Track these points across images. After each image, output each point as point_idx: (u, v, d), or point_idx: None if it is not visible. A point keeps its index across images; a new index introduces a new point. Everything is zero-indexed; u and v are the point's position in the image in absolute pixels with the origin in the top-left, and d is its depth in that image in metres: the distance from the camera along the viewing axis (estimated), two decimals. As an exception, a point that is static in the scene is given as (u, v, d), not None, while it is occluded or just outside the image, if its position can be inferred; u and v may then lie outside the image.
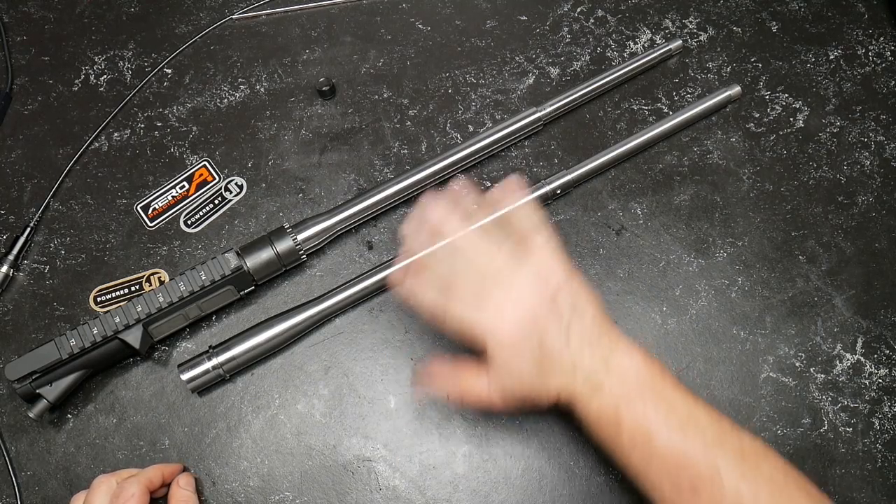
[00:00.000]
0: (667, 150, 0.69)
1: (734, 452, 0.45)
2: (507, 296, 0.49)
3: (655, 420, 0.46)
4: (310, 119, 0.72)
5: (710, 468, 0.44)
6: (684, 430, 0.46)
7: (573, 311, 0.49)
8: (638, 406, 0.47)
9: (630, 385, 0.47)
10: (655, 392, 0.47)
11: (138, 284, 0.65)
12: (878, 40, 0.74)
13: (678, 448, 0.45)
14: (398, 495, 0.57)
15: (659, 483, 0.46)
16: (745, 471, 0.44)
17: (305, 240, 0.62)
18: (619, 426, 0.47)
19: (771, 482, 0.44)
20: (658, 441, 0.46)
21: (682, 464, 0.45)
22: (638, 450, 0.46)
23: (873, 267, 0.64)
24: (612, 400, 0.47)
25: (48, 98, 0.74)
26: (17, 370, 0.57)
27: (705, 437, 0.46)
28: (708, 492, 0.44)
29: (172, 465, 0.56)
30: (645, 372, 0.48)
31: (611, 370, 0.48)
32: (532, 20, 0.76)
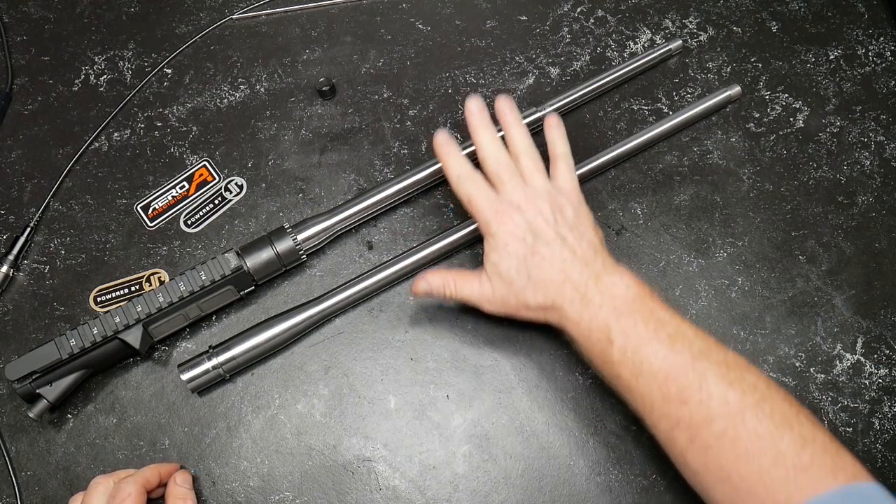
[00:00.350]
0: (667, 150, 0.69)
1: (720, 363, 0.46)
2: (517, 204, 0.53)
3: (645, 334, 0.48)
4: (310, 119, 0.72)
5: (698, 378, 0.46)
6: (672, 344, 0.47)
7: (572, 229, 0.53)
8: (628, 321, 0.48)
9: (619, 301, 0.49)
10: (644, 309, 0.49)
11: (138, 284, 0.65)
12: (878, 40, 0.74)
13: (667, 360, 0.47)
14: (398, 495, 0.57)
15: (648, 395, 0.47)
16: (732, 380, 0.45)
17: (305, 240, 0.62)
18: (609, 340, 0.49)
19: (755, 390, 0.45)
20: (647, 353, 0.47)
21: (670, 375, 0.46)
22: (628, 363, 0.48)
23: (873, 267, 0.64)
24: (602, 314, 0.49)
25: (48, 98, 0.74)
26: (17, 370, 0.57)
27: (692, 350, 0.47)
28: (696, 400, 0.45)
29: (169, 464, 0.56)
30: (634, 291, 0.50)
31: (601, 287, 0.50)
32: (532, 20, 0.76)
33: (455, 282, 0.57)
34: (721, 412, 0.44)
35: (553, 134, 0.60)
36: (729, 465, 0.44)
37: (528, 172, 0.56)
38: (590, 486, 0.57)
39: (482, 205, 0.55)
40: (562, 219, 0.54)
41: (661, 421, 0.47)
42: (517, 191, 0.55)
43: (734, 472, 0.44)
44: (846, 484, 0.42)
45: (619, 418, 0.59)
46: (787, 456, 0.43)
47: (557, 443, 0.58)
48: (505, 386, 0.60)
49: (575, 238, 0.53)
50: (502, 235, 0.53)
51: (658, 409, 0.47)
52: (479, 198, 0.55)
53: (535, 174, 0.56)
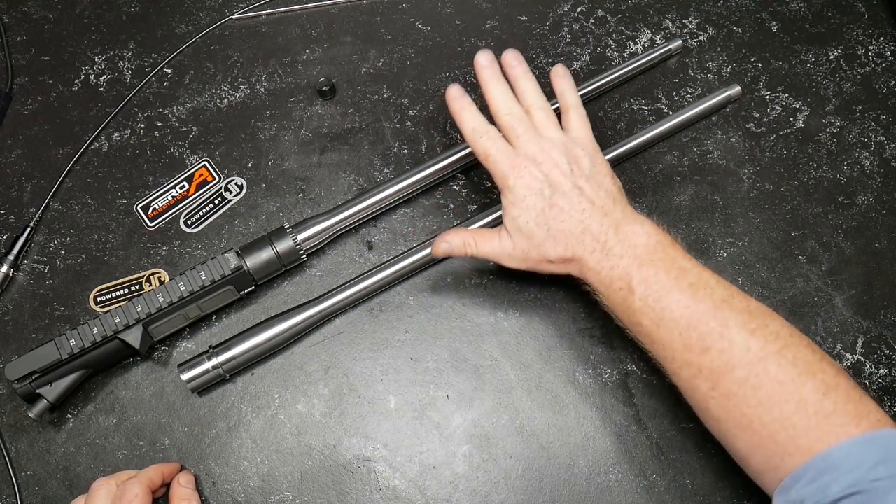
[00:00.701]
0: (667, 150, 0.69)
1: (742, 311, 0.46)
2: (533, 156, 0.53)
3: (666, 282, 0.47)
4: (310, 119, 0.72)
5: (720, 325, 0.45)
6: (694, 292, 0.47)
7: (589, 179, 0.52)
8: (649, 269, 0.48)
9: (640, 250, 0.49)
10: (666, 257, 0.49)
11: (138, 284, 0.65)
12: (878, 40, 0.74)
13: (689, 308, 0.46)
14: (398, 495, 0.57)
15: (670, 343, 0.47)
16: (754, 328, 0.45)
17: (305, 240, 0.62)
18: (630, 289, 0.48)
19: (778, 338, 0.45)
20: (669, 302, 0.47)
21: (692, 323, 0.46)
22: (649, 311, 0.47)
23: (873, 267, 0.64)
24: (623, 263, 0.49)
25: (48, 98, 0.74)
26: (17, 370, 0.57)
27: (714, 298, 0.47)
28: (718, 348, 0.45)
29: (171, 464, 0.56)
30: (656, 239, 0.50)
31: (621, 236, 0.50)
32: (532, 20, 0.76)
33: (476, 240, 0.56)
34: (743, 360, 0.44)
35: (562, 84, 0.59)
36: (751, 412, 0.44)
37: (541, 124, 0.56)
38: (590, 486, 0.57)
39: (498, 159, 0.54)
40: (578, 169, 0.53)
41: (683, 369, 0.47)
42: (532, 143, 0.54)
43: (756, 419, 0.43)
44: (869, 431, 0.41)
45: (619, 418, 0.59)
46: (810, 403, 0.42)
47: (557, 443, 0.58)
48: (505, 386, 0.60)
49: (592, 188, 0.52)
50: (520, 189, 0.52)
51: (679, 358, 0.46)
52: (495, 152, 0.54)
53: (548, 126, 0.56)
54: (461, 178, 0.68)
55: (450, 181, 0.68)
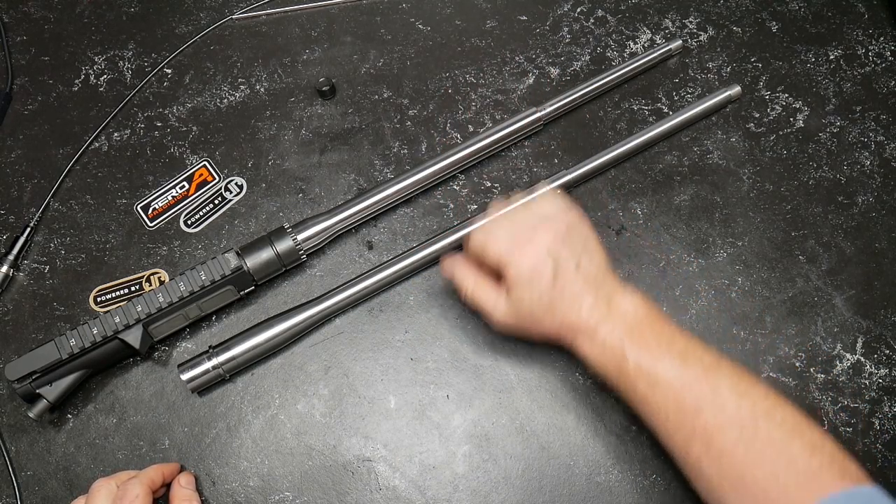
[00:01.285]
0: (667, 150, 0.69)
1: (730, 375, 0.49)
2: (531, 237, 0.53)
3: (658, 349, 0.50)
4: (310, 119, 0.72)
5: (711, 388, 0.48)
6: (685, 358, 0.49)
7: (583, 251, 0.54)
8: (640, 339, 0.50)
9: (631, 321, 0.51)
10: (655, 327, 0.51)
11: (138, 284, 0.65)
12: (878, 40, 0.74)
13: (681, 373, 0.49)
14: (398, 495, 0.57)
15: (664, 406, 0.49)
16: (743, 390, 0.48)
17: (305, 240, 0.62)
18: (624, 357, 0.50)
19: (766, 399, 0.48)
20: (661, 367, 0.49)
21: (684, 386, 0.48)
22: (643, 377, 0.49)
23: (873, 267, 0.64)
24: (616, 334, 0.51)
25: (48, 98, 0.74)
26: (17, 370, 0.57)
27: (703, 364, 0.49)
28: (710, 410, 0.47)
29: (171, 464, 0.56)
30: (644, 311, 0.52)
31: (613, 308, 0.52)
32: (532, 20, 0.76)
33: (474, 288, 0.56)
34: (735, 420, 0.46)
35: None
36: (744, 469, 0.46)
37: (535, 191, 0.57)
38: (590, 486, 0.57)
39: (498, 245, 0.54)
40: (573, 240, 0.54)
41: (678, 432, 0.48)
42: (527, 215, 0.55)
43: (748, 476, 0.45)
44: (852, 487, 0.44)
45: (619, 418, 0.59)
46: (799, 460, 0.45)
47: (557, 443, 0.58)
48: (505, 386, 0.60)
49: (587, 261, 0.53)
50: (526, 268, 0.53)
51: (674, 420, 0.48)
52: (494, 239, 0.54)
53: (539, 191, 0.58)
54: (461, 178, 0.69)
55: (450, 181, 0.68)
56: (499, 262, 0.54)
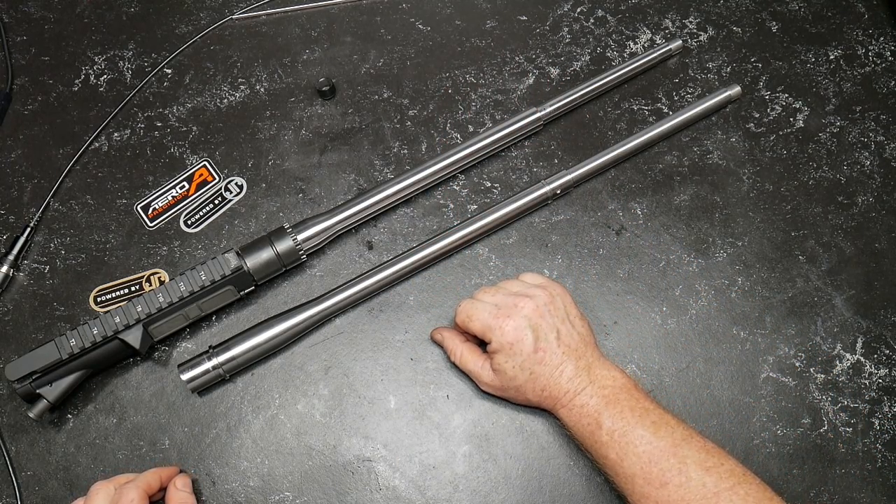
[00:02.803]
0: (667, 150, 0.69)
1: (700, 449, 0.50)
2: (513, 308, 0.55)
3: (631, 419, 0.51)
4: (310, 119, 0.72)
5: (679, 462, 0.49)
6: (656, 429, 0.51)
7: (564, 321, 0.56)
8: (615, 408, 0.52)
9: (608, 391, 0.53)
10: (631, 398, 0.53)
11: (138, 284, 0.65)
12: (878, 40, 0.74)
13: (651, 444, 0.50)
14: (398, 495, 0.57)
15: (632, 476, 0.50)
16: (710, 466, 0.49)
17: (305, 240, 0.62)
18: (598, 424, 0.52)
19: (732, 475, 0.49)
20: (633, 438, 0.51)
21: (653, 459, 0.50)
22: (615, 445, 0.51)
23: (873, 267, 0.64)
24: (592, 402, 0.53)
25: (48, 98, 0.74)
26: (17, 370, 0.57)
27: (674, 436, 0.51)
28: (675, 483, 0.49)
29: (169, 468, 0.56)
30: (622, 382, 0.54)
31: (592, 378, 0.54)
32: (532, 20, 0.76)
33: (463, 353, 0.59)
34: (698, 494, 0.48)
35: None
36: None
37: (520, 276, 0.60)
38: (590, 486, 0.57)
39: (482, 315, 0.56)
40: (554, 309, 0.56)
41: (642, 501, 0.50)
42: (513, 285, 0.58)
43: None
44: None
45: (619, 418, 0.59)
46: None
47: (557, 443, 0.58)
48: (505, 386, 0.60)
49: (567, 331, 0.55)
50: (508, 337, 0.55)
51: (639, 491, 0.50)
52: (478, 310, 0.57)
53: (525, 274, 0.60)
54: (461, 178, 0.69)
55: (450, 181, 0.68)
56: (483, 332, 0.56)
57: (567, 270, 0.64)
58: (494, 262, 0.65)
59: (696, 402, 0.60)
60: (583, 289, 0.64)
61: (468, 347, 0.59)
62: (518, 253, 0.65)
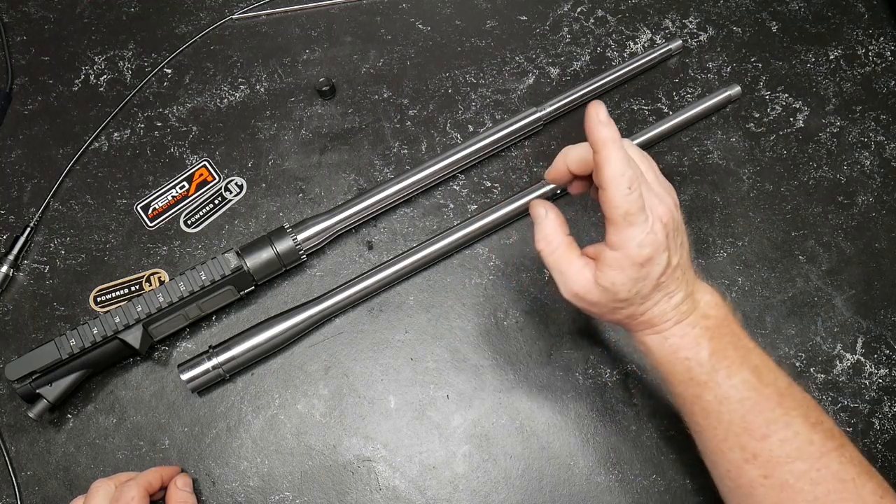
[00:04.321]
0: (667, 150, 0.69)
1: (802, 401, 0.45)
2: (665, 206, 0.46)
3: (736, 360, 0.45)
4: (310, 119, 0.72)
5: (784, 414, 0.44)
6: (760, 375, 0.45)
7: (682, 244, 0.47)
8: (718, 344, 0.46)
9: (711, 322, 0.47)
10: (733, 333, 0.47)
11: (138, 284, 0.65)
12: (878, 40, 0.74)
13: (756, 390, 0.44)
14: (398, 495, 0.57)
15: (729, 423, 0.45)
16: (815, 421, 0.44)
17: (305, 240, 0.62)
18: (699, 361, 0.45)
19: (835, 436, 0.44)
20: (737, 381, 0.45)
21: (755, 407, 0.44)
22: (715, 387, 0.45)
23: (873, 267, 0.64)
24: (695, 332, 0.46)
25: (48, 98, 0.74)
26: (17, 370, 0.57)
27: (778, 385, 0.45)
28: (780, 437, 0.43)
29: (170, 467, 0.56)
30: (723, 312, 0.47)
31: (694, 305, 0.47)
32: (532, 20, 0.76)
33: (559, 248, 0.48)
34: (805, 452, 0.43)
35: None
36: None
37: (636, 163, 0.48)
38: (590, 486, 0.57)
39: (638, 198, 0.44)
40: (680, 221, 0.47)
41: (734, 451, 0.45)
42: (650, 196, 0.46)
43: None
44: None
45: (619, 418, 0.59)
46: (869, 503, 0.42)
47: (557, 443, 0.58)
48: (505, 386, 0.60)
49: (683, 247, 0.47)
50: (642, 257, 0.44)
51: (734, 440, 0.44)
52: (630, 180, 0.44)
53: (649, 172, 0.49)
54: (461, 178, 0.69)
55: (450, 181, 0.68)
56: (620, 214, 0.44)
57: (567, 270, 0.64)
58: (494, 262, 0.65)
59: (696, 402, 0.60)
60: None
61: (569, 242, 0.48)
62: (518, 253, 0.65)
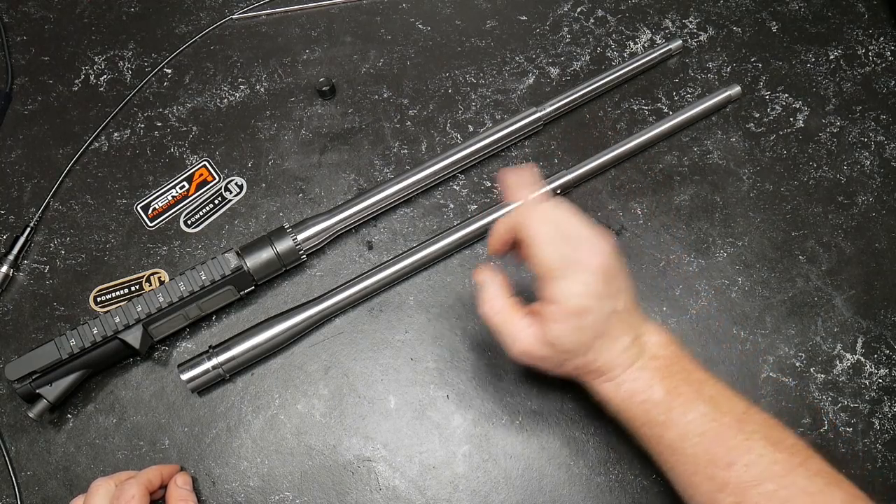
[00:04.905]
0: (667, 150, 0.69)
1: (762, 423, 0.46)
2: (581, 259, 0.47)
3: (689, 395, 0.46)
4: (310, 119, 0.72)
5: (745, 439, 0.45)
6: (717, 404, 0.46)
7: (622, 288, 0.48)
8: (671, 382, 0.47)
9: (661, 362, 0.48)
10: (684, 369, 0.48)
11: (138, 284, 0.65)
12: (878, 40, 0.74)
13: (715, 421, 0.45)
14: (398, 495, 0.57)
15: (694, 457, 0.45)
16: (776, 440, 0.45)
17: (305, 240, 0.62)
18: (653, 402, 0.46)
19: (798, 451, 0.45)
20: (695, 415, 0.45)
21: (719, 437, 0.45)
22: (673, 425, 0.46)
23: (873, 267, 0.64)
24: (645, 375, 0.47)
25: (48, 98, 0.74)
26: (17, 370, 0.57)
27: (736, 411, 0.46)
28: (744, 462, 0.44)
29: (170, 465, 0.56)
30: (672, 350, 0.48)
31: (643, 346, 0.48)
32: (532, 20, 0.76)
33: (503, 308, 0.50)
34: (771, 473, 0.44)
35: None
36: None
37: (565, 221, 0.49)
38: (590, 486, 0.57)
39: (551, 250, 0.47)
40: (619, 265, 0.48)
41: (704, 483, 0.45)
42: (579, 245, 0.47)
43: None
44: None
45: (619, 418, 0.59)
46: None
47: (557, 443, 0.58)
48: (505, 386, 0.60)
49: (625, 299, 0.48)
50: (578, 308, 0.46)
51: (703, 472, 0.45)
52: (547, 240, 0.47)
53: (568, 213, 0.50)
54: (461, 178, 0.69)
55: (450, 181, 0.68)
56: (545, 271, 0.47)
57: (567, 270, 0.64)
58: (494, 262, 0.65)
59: (696, 402, 0.60)
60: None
61: (510, 305, 0.50)
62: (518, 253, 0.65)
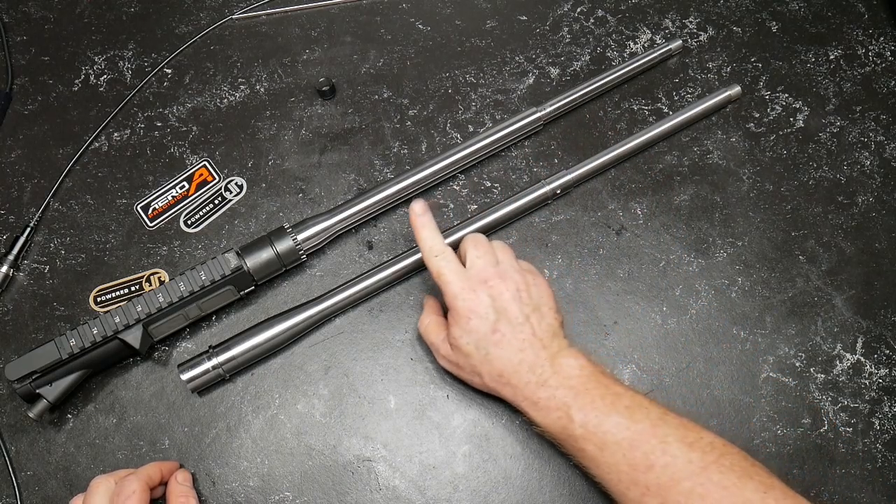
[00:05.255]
0: (667, 150, 0.69)
1: (678, 426, 0.49)
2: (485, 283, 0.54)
3: (603, 408, 0.50)
4: (310, 119, 0.72)
5: (661, 442, 0.48)
6: (631, 413, 0.49)
7: (536, 310, 0.54)
8: (586, 398, 0.50)
9: (575, 381, 0.51)
10: (599, 385, 0.51)
11: (138, 284, 0.65)
12: (878, 40, 0.74)
13: (629, 429, 0.48)
14: (398, 495, 0.57)
15: (615, 465, 0.49)
16: (691, 440, 0.48)
17: (305, 240, 0.62)
18: (570, 418, 0.50)
19: (713, 448, 0.48)
20: (609, 426, 0.49)
21: (634, 443, 0.48)
22: (591, 437, 0.49)
23: (873, 267, 0.64)
24: (560, 393, 0.51)
25: (48, 98, 0.74)
26: (17, 370, 0.57)
27: (650, 417, 0.49)
28: (661, 463, 0.47)
29: (170, 462, 0.57)
30: (588, 370, 0.52)
31: (556, 368, 0.52)
32: (532, 20, 0.76)
33: (430, 323, 0.58)
34: (687, 472, 0.47)
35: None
36: None
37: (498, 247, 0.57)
38: (590, 486, 0.57)
39: (451, 279, 0.55)
40: (527, 297, 0.54)
41: (630, 489, 0.48)
42: (488, 266, 0.55)
43: None
44: None
45: (619, 418, 0.59)
46: (754, 502, 0.45)
47: (557, 443, 0.58)
48: (505, 386, 0.60)
49: (536, 319, 0.54)
50: (464, 311, 0.54)
51: (626, 478, 0.48)
52: (448, 272, 0.55)
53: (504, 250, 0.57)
54: (461, 178, 0.69)
55: (450, 181, 0.68)
56: (446, 295, 0.55)
57: (567, 270, 0.64)
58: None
59: (696, 402, 0.60)
60: (583, 289, 0.64)
61: (438, 320, 0.58)
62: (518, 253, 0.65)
